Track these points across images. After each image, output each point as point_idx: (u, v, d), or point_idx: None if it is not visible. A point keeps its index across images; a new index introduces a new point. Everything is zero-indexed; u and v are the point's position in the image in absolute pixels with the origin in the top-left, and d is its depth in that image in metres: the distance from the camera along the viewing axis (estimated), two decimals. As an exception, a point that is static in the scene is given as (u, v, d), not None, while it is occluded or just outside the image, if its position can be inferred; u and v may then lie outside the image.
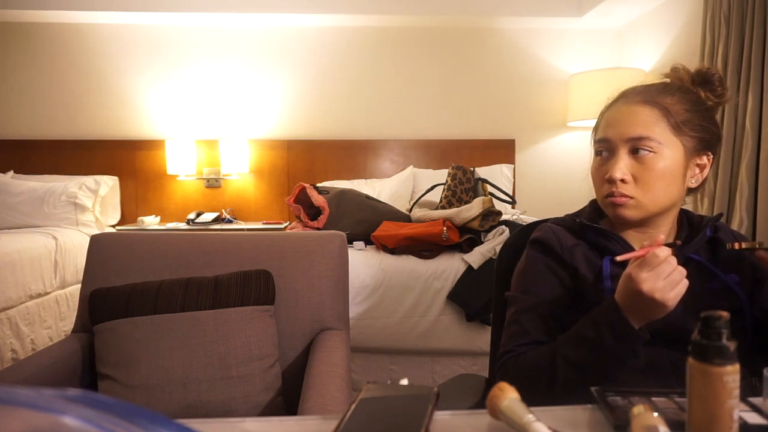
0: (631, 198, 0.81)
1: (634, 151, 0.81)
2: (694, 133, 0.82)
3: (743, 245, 0.75)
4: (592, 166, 0.88)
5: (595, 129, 0.90)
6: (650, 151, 0.80)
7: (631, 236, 0.87)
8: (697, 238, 0.84)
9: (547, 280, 0.87)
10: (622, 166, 0.81)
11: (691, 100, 0.83)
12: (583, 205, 0.97)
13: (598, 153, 0.86)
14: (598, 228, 0.86)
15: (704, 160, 0.85)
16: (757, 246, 0.74)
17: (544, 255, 0.89)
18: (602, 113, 0.89)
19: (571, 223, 0.91)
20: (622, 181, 0.81)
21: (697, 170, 0.85)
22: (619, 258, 0.71)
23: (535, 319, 0.84)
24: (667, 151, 0.80)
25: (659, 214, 0.84)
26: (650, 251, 0.68)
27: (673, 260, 0.68)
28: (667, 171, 0.80)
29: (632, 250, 0.84)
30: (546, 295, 0.86)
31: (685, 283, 0.68)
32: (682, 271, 0.68)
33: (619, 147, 0.82)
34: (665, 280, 0.67)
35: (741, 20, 2.30)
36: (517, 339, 0.84)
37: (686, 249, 0.83)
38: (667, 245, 0.70)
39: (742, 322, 0.80)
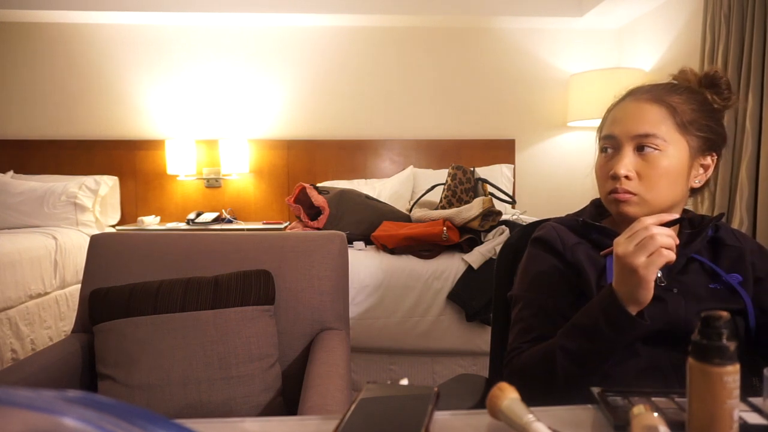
0: (635, 195, 0.81)
1: (640, 149, 0.81)
2: (700, 133, 0.82)
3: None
4: (597, 163, 0.87)
5: (601, 126, 0.89)
6: (655, 149, 0.80)
7: None
8: (698, 239, 0.84)
9: (549, 276, 0.87)
10: (627, 163, 0.81)
11: (698, 100, 0.83)
12: (584, 205, 0.96)
13: (603, 150, 0.86)
14: (601, 227, 0.86)
15: (708, 160, 0.85)
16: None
17: (546, 252, 0.89)
18: (609, 110, 0.88)
19: (573, 223, 0.91)
20: (626, 177, 0.80)
21: (701, 170, 0.85)
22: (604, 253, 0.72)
23: (540, 315, 0.84)
24: (673, 149, 0.80)
25: (662, 212, 0.84)
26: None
27: (656, 229, 0.67)
28: (671, 169, 0.80)
29: None
30: (550, 291, 0.86)
31: (664, 254, 0.66)
32: (661, 240, 0.66)
33: (624, 144, 0.82)
34: (638, 245, 0.66)
35: (741, 20, 2.30)
36: (522, 336, 0.84)
37: (688, 249, 0.83)
38: (673, 222, 0.70)
39: (746, 321, 0.79)
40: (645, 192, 0.81)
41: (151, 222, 3.31)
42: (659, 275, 0.82)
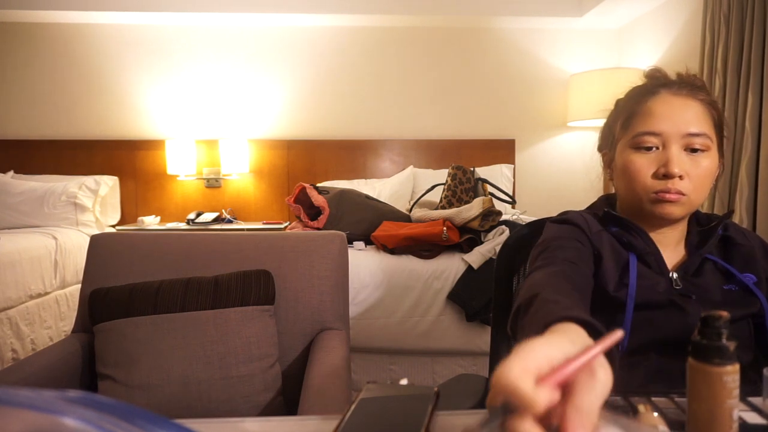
0: (684, 195, 0.77)
1: (687, 147, 0.77)
2: (722, 133, 0.81)
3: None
4: (633, 160, 0.80)
5: (630, 119, 0.81)
6: (702, 149, 0.77)
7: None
8: (711, 239, 0.81)
9: (572, 242, 0.80)
10: (680, 162, 0.76)
11: (713, 100, 0.81)
12: (585, 205, 0.95)
13: (639, 146, 0.79)
14: (624, 219, 0.82)
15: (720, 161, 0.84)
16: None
17: (572, 226, 0.83)
18: (637, 102, 0.81)
19: (592, 215, 0.86)
20: (680, 177, 0.76)
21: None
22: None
23: (564, 253, 0.77)
24: (713, 149, 0.78)
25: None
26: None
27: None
28: (711, 170, 0.78)
29: (654, 246, 0.80)
30: (573, 253, 0.77)
31: None
32: None
33: (672, 142, 0.77)
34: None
35: (741, 20, 2.30)
36: (556, 253, 0.77)
37: (702, 250, 0.81)
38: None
39: (762, 322, 0.77)
40: (692, 192, 0.77)
41: (151, 222, 3.31)
42: (675, 278, 0.79)
